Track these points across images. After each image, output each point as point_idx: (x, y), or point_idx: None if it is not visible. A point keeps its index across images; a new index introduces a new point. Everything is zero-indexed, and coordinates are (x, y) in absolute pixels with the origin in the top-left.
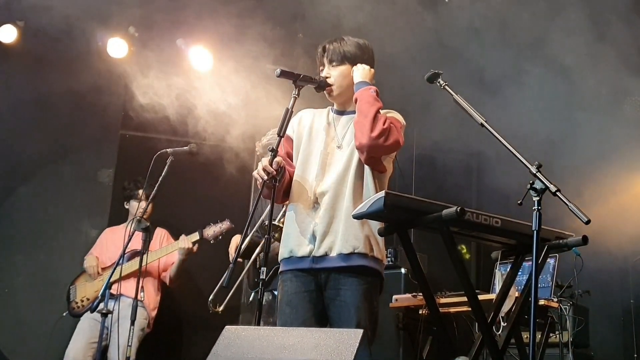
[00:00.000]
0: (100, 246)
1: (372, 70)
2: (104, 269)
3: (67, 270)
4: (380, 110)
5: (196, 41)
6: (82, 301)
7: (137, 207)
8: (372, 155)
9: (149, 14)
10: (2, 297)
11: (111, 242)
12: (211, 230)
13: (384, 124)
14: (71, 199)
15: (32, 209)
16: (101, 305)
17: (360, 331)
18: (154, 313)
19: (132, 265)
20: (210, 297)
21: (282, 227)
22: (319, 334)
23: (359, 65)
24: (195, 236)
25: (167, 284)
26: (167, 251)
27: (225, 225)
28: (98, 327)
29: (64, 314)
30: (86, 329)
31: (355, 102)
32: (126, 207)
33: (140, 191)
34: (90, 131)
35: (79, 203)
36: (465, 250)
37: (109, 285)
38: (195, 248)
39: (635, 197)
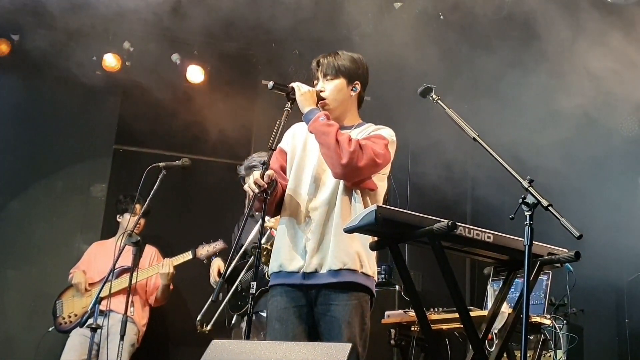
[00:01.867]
0: (88, 260)
1: (312, 90)
2: (92, 284)
3: (59, 286)
4: (339, 131)
5: (191, 56)
6: (70, 317)
7: (129, 220)
8: (353, 180)
9: (143, 29)
10: None
11: (100, 257)
12: (204, 250)
13: (350, 147)
14: (64, 214)
15: (24, 223)
16: (90, 320)
17: (349, 345)
18: (143, 329)
19: (122, 282)
20: (199, 317)
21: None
22: (307, 348)
23: (297, 91)
24: (188, 255)
25: (152, 304)
26: (154, 271)
27: (219, 245)
28: (84, 345)
29: (50, 329)
30: (77, 345)
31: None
32: (118, 219)
33: (138, 205)
34: (83, 145)
35: (72, 218)
36: None
37: (98, 301)
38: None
39: (631, 215)
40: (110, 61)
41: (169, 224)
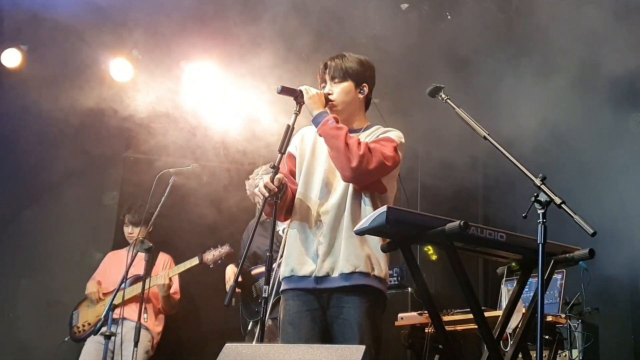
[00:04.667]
0: (103, 270)
1: (320, 92)
2: (106, 293)
3: (72, 294)
4: (348, 134)
5: (200, 63)
6: (84, 326)
7: (126, 232)
8: (362, 183)
9: (152, 37)
10: (7, 321)
11: (114, 266)
12: (210, 255)
13: (359, 150)
14: (75, 222)
15: (36, 232)
16: (104, 328)
17: (363, 347)
18: (158, 337)
19: (134, 289)
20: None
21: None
22: (320, 351)
23: (305, 94)
24: (195, 261)
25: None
26: (153, 283)
27: (224, 249)
28: (98, 352)
29: (66, 339)
30: (92, 352)
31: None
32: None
33: (127, 216)
34: (94, 154)
35: (84, 226)
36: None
37: (111, 308)
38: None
39: None
40: (119, 69)
41: (181, 231)
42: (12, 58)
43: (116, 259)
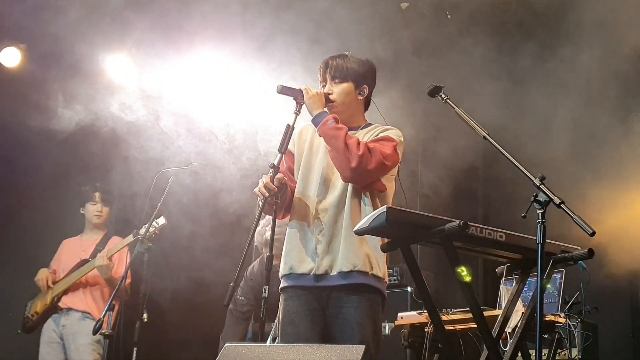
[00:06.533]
0: (59, 259)
1: (319, 92)
2: (56, 282)
3: None
4: (347, 134)
5: (201, 61)
6: (32, 316)
7: (93, 211)
8: (363, 183)
9: (152, 35)
10: (6, 320)
11: (69, 253)
12: (143, 229)
13: (359, 150)
14: (73, 222)
15: (35, 232)
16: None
17: (362, 347)
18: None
19: (77, 275)
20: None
21: None
22: (320, 351)
23: (305, 94)
24: (130, 238)
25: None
26: (91, 267)
27: (160, 222)
28: (57, 351)
29: (18, 331)
30: (45, 358)
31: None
32: (82, 212)
33: (97, 194)
34: (94, 153)
35: (84, 226)
36: (465, 273)
37: (110, 308)
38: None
39: None
40: (117, 67)
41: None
42: (11, 57)
43: (69, 246)
